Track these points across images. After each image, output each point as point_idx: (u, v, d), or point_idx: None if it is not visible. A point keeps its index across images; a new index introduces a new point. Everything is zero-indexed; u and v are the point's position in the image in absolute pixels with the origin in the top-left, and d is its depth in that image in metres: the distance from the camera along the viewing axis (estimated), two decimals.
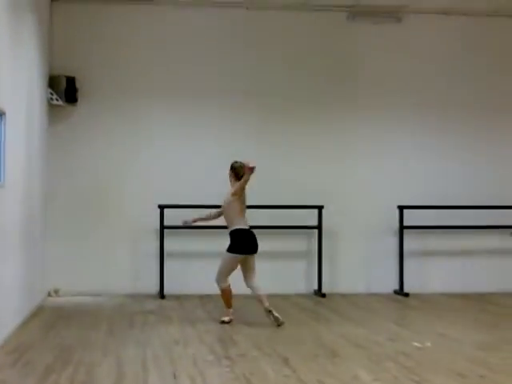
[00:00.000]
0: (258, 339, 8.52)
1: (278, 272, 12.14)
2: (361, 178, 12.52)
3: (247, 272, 9.55)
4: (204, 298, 11.51)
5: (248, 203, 10.14)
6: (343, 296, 12.02)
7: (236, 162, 9.66)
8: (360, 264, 12.49)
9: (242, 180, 9.36)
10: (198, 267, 12.02)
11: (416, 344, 8.23)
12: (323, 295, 11.87)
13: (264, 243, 12.03)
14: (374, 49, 12.60)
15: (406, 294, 12.08)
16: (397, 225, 12.25)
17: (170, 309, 10.75)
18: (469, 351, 8.02)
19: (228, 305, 9.67)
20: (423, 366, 7.25)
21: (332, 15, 12.44)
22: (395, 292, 12.34)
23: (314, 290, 12.15)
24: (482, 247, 12.69)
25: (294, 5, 12.27)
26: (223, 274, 9.56)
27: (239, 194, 9.48)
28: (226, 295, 9.63)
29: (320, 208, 12.01)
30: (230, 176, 9.64)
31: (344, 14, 12.45)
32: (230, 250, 9.50)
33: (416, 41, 12.70)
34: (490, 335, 8.93)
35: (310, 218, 12.07)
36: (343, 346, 8.25)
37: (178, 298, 11.58)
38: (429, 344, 8.25)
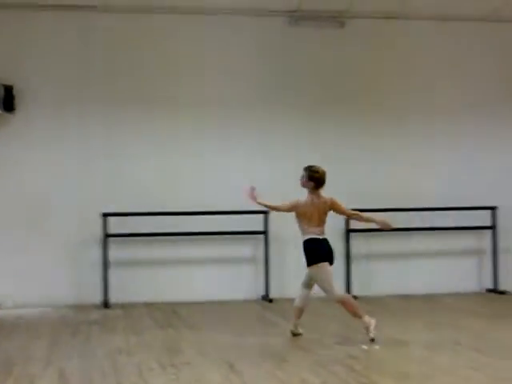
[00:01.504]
0: (204, 346, 8.41)
1: (225, 278, 12.06)
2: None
3: (307, 279, 8.78)
4: (150, 306, 11.36)
5: (195, 209, 9.98)
6: (291, 301, 11.88)
7: (316, 172, 8.52)
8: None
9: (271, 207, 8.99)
10: (144, 275, 11.90)
11: (364, 347, 8.21)
12: (270, 300, 11.81)
13: (211, 249, 12.14)
14: (316, 54, 12.54)
15: (354, 297, 12.05)
16: (343, 228, 12.25)
17: (114, 318, 10.56)
18: (416, 352, 8.03)
19: (358, 314, 8.43)
20: (371, 369, 7.25)
21: (274, 20, 12.37)
22: None
23: (262, 296, 12.07)
24: (428, 249, 12.73)
25: (240, 9, 12.17)
26: (331, 287, 8.45)
27: (295, 212, 8.81)
28: (351, 304, 8.50)
29: (266, 213, 11.93)
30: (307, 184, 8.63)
31: (286, 18, 12.41)
32: (309, 262, 8.53)
33: (359, 45, 12.67)
34: (437, 336, 8.94)
35: (257, 222, 12.00)
36: (290, 350, 8.21)
37: (123, 306, 11.38)
38: (377, 347, 8.22)
